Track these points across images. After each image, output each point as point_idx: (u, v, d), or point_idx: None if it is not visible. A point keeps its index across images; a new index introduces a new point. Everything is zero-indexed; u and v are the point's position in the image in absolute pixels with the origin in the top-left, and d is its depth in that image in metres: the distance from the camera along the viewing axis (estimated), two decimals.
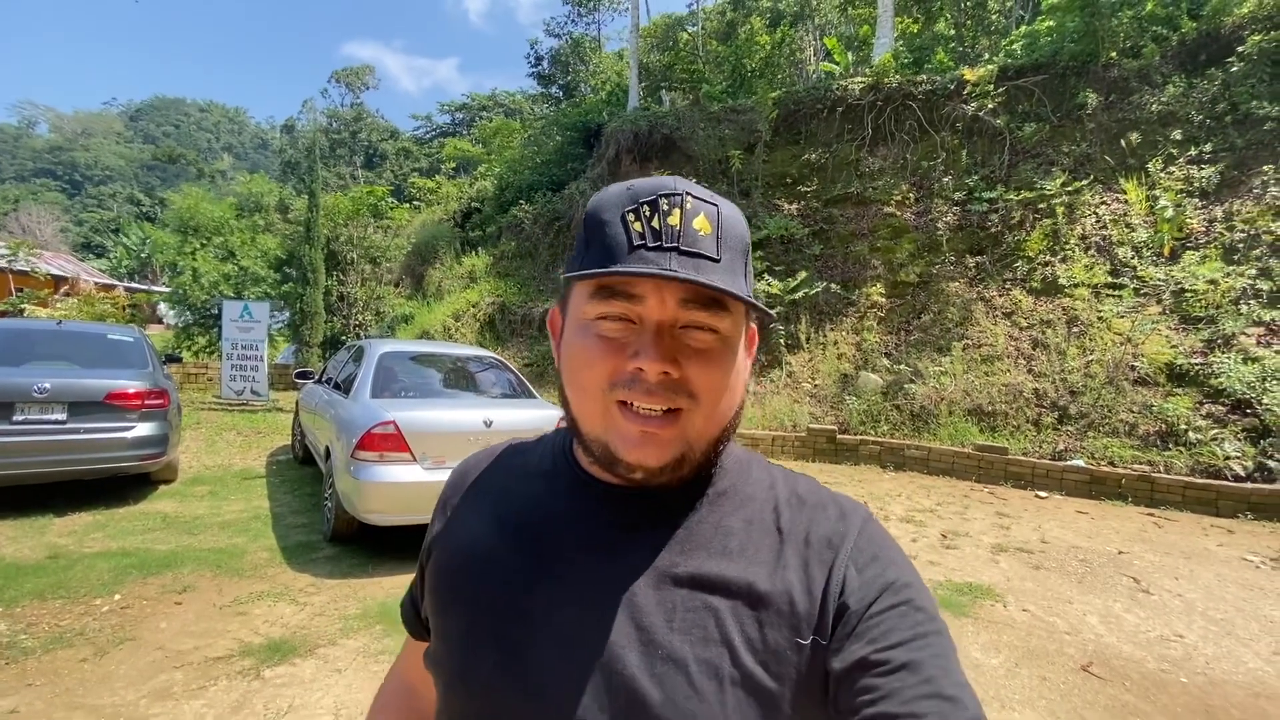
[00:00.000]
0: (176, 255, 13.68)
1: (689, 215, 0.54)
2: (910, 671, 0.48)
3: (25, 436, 4.50)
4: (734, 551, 0.57)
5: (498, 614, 0.58)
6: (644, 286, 0.53)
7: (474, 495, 0.68)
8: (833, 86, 12.37)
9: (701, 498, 0.60)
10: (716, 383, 0.55)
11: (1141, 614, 3.77)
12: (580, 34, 28.85)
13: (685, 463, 0.56)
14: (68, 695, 2.49)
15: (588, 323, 0.56)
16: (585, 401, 0.57)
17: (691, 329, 0.55)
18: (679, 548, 0.57)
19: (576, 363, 0.57)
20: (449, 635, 0.61)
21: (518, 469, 0.69)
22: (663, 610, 0.54)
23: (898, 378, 8.65)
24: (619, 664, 0.52)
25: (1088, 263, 8.68)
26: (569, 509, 0.61)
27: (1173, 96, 9.51)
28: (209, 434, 7.81)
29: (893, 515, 5.69)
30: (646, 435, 0.54)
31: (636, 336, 0.54)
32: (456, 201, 19.99)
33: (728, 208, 0.57)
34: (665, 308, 0.54)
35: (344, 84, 60.02)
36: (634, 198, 0.55)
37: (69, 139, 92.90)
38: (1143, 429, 6.88)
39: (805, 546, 0.57)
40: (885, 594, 0.53)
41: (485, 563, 0.61)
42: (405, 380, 4.81)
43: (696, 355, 0.54)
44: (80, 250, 40.28)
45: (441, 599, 0.63)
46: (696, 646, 0.52)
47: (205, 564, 3.92)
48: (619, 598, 0.55)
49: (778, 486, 0.63)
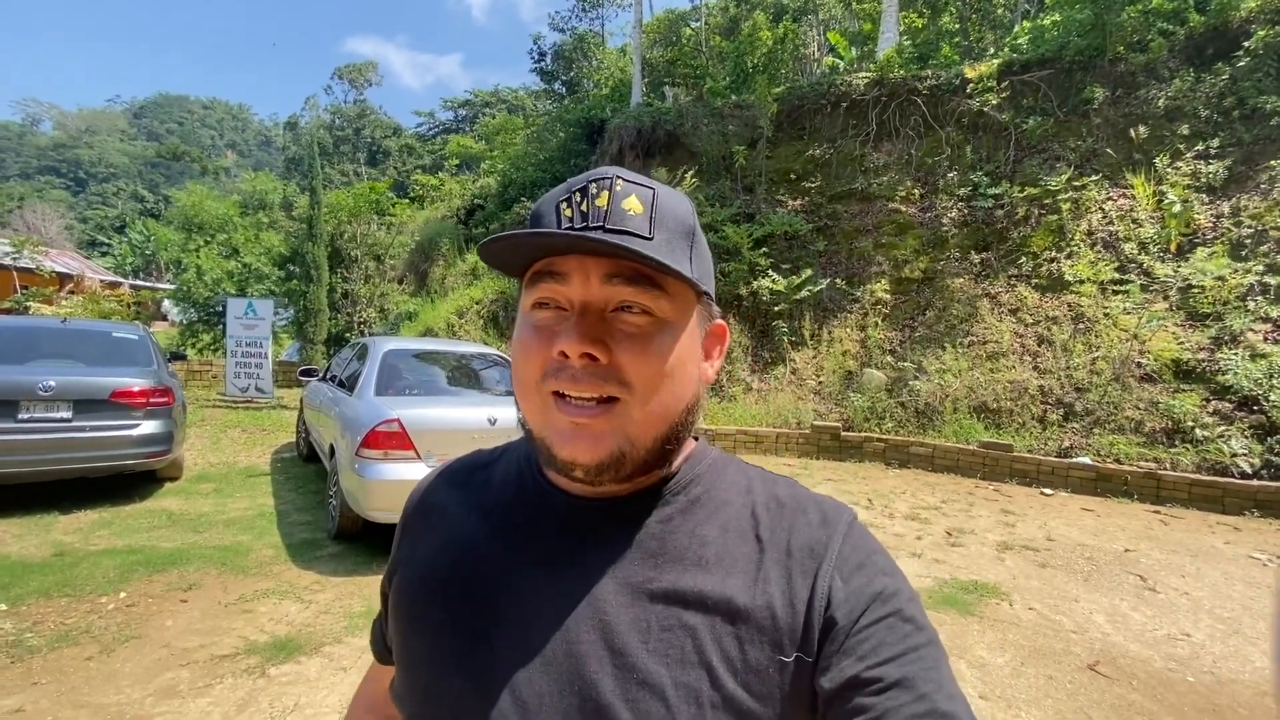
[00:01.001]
0: (181, 252, 13.72)
1: (618, 196, 0.52)
2: (903, 689, 0.47)
3: (30, 434, 4.50)
4: (710, 563, 0.54)
5: (463, 638, 0.55)
6: (567, 264, 0.53)
7: (435, 515, 0.65)
8: (836, 82, 12.31)
9: (673, 505, 0.58)
10: (651, 369, 0.52)
11: (1148, 612, 3.75)
12: (584, 29, 28.76)
13: (626, 460, 0.53)
14: (73, 693, 2.49)
15: (526, 314, 0.56)
16: (525, 396, 0.55)
17: (625, 312, 0.53)
18: (652, 561, 0.54)
19: (517, 357, 0.56)
20: (413, 663, 0.58)
21: (481, 482, 0.66)
22: (637, 630, 0.51)
23: (902, 374, 8.63)
24: (592, 690, 0.50)
25: (1094, 259, 8.63)
26: (535, 523, 0.59)
27: (1180, 91, 9.43)
28: (214, 431, 7.83)
29: (897, 513, 5.67)
30: (577, 427, 0.52)
31: (564, 322, 0.53)
32: (460, 198, 19.99)
33: (666, 191, 0.55)
34: (589, 285, 0.52)
35: (347, 80, 59.99)
36: (568, 188, 0.54)
37: (73, 136, 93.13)
38: (1149, 426, 6.85)
39: (787, 556, 0.54)
40: (874, 605, 0.51)
41: (448, 584, 0.58)
42: (409, 378, 4.81)
43: (628, 339, 0.52)
44: (85, 248, 40.39)
45: (404, 625, 0.61)
46: (674, 669, 0.50)
47: (210, 561, 3.92)
48: (590, 617, 0.52)
49: (755, 490, 0.60)
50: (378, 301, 14.36)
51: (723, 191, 12.11)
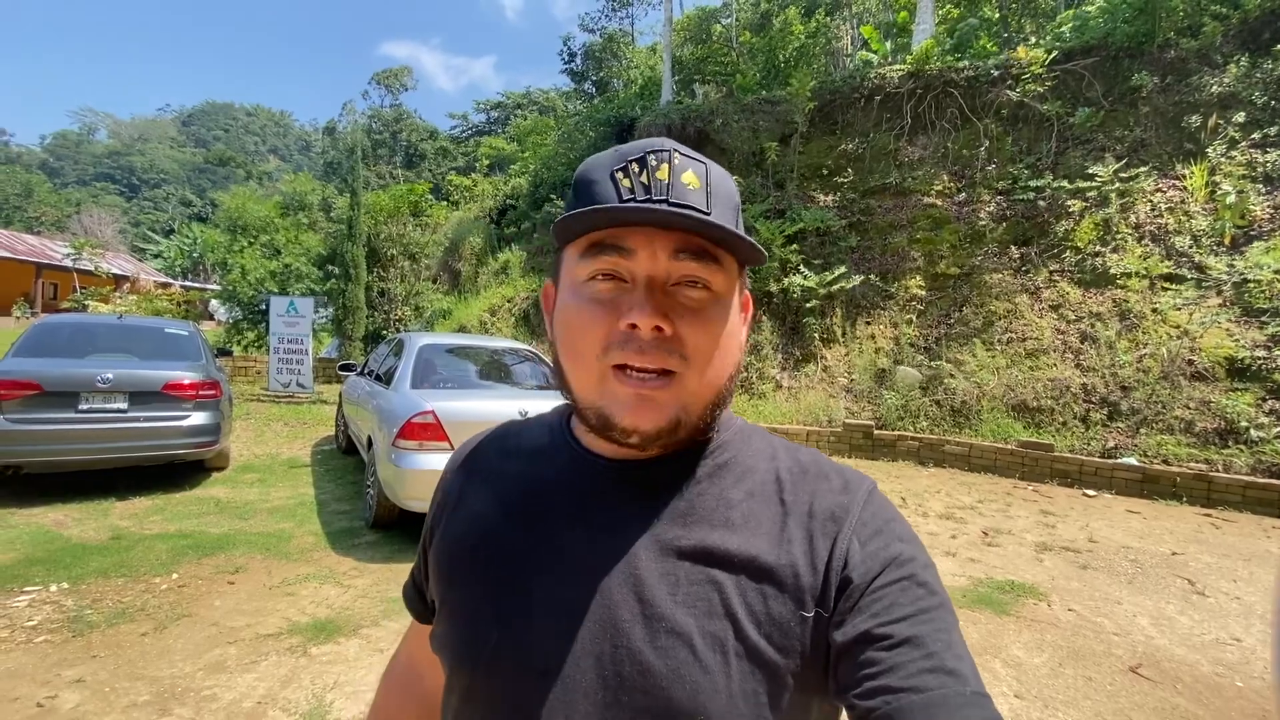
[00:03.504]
0: (226, 253, 14.21)
1: (677, 170, 0.53)
2: (913, 646, 0.48)
3: (90, 424, 4.75)
4: (736, 524, 0.56)
5: (500, 592, 0.58)
6: (635, 239, 0.53)
7: (473, 476, 0.68)
8: (870, 75, 12.10)
9: (702, 469, 0.60)
10: (709, 342, 0.55)
11: (1196, 616, 3.61)
12: (614, 29, 28.84)
13: (681, 427, 0.55)
14: (129, 667, 2.63)
15: (580, 285, 0.56)
16: (581, 368, 0.56)
17: (683, 286, 0.54)
18: (681, 520, 0.57)
19: (571, 328, 0.57)
20: (453, 615, 0.61)
21: (514, 449, 0.68)
22: (666, 583, 0.54)
23: (937, 372, 8.45)
24: (623, 637, 0.52)
25: (1142, 252, 8.32)
26: (569, 485, 0.61)
27: (1235, 78, 9.01)
28: (257, 424, 8.12)
29: (931, 512, 5.57)
30: (641, 398, 0.53)
31: (629, 295, 0.54)
32: (492, 199, 20.25)
33: (715, 167, 0.57)
34: (656, 261, 0.53)
35: (384, 86, 61.32)
36: (622, 157, 0.55)
37: (126, 144, 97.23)
38: (1200, 426, 6.58)
39: (809, 518, 0.56)
40: (889, 568, 0.53)
41: (486, 542, 0.61)
42: (444, 372, 4.92)
43: (689, 313, 0.54)
44: (137, 251, 42.18)
45: (445, 579, 0.63)
46: (701, 619, 0.52)
47: (255, 547, 4.09)
48: (622, 571, 0.55)
49: (779, 457, 0.62)
50: (413, 300, 14.67)
51: (753, 187, 12.01)
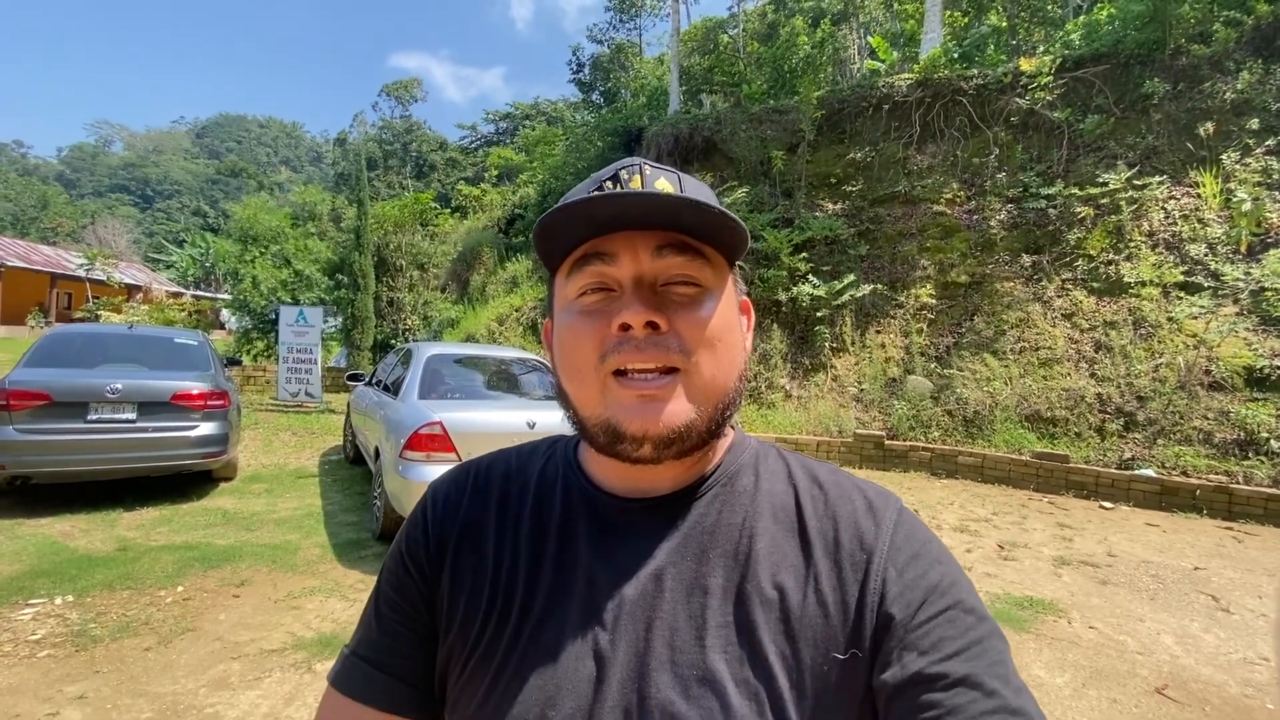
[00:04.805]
0: (237, 263, 14.32)
1: (649, 179, 0.55)
2: (970, 685, 0.46)
3: (99, 434, 4.75)
4: (761, 560, 0.54)
5: (520, 652, 0.53)
6: (614, 244, 0.53)
7: (473, 526, 0.61)
8: (878, 84, 12.08)
9: (719, 498, 0.57)
10: (708, 334, 0.53)
11: (1222, 634, 3.51)
12: (621, 39, 29.04)
13: (692, 429, 0.52)
14: (132, 683, 2.59)
15: (570, 303, 0.56)
16: (581, 383, 0.55)
17: (673, 286, 0.54)
18: (703, 555, 0.54)
19: (566, 345, 0.56)
20: (473, 682, 0.55)
21: (518, 493, 0.62)
22: (694, 626, 0.51)
23: (949, 382, 8.36)
24: (651, 687, 0.49)
25: (1156, 261, 8.21)
26: (582, 528, 0.58)
27: (1248, 84, 8.92)
28: (266, 434, 8.12)
29: (945, 524, 5.48)
30: (647, 399, 0.51)
31: (619, 300, 0.53)
32: (501, 209, 20.37)
33: (688, 176, 0.58)
34: (640, 260, 0.53)
35: (394, 97, 61.95)
36: (596, 180, 0.56)
37: (141, 156, 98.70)
38: (1219, 437, 6.46)
39: (836, 549, 0.53)
40: (931, 598, 0.50)
41: (505, 601, 0.56)
42: (451, 382, 4.89)
43: (682, 308, 0.53)
44: (150, 261, 42.69)
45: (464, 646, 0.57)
46: (734, 665, 0.49)
47: (261, 559, 4.05)
48: (647, 615, 0.52)
49: (796, 477, 0.60)
50: (421, 309, 14.70)
51: (761, 196, 12.00)
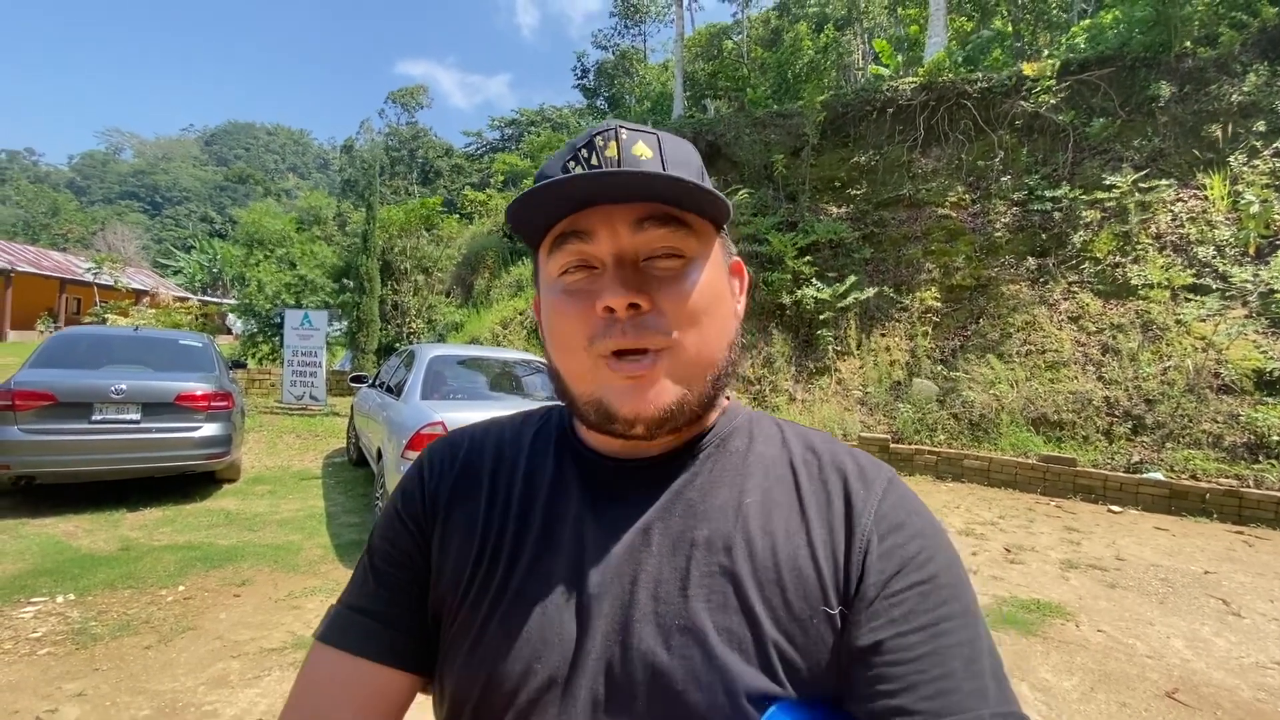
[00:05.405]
0: (243, 267, 14.40)
1: (626, 144, 0.52)
2: (931, 660, 0.45)
3: (103, 435, 4.77)
4: (752, 513, 0.53)
5: (508, 603, 0.54)
6: (591, 220, 0.52)
7: (467, 483, 0.62)
8: (882, 88, 12.08)
9: (712, 460, 0.57)
10: (695, 309, 0.52)
11: (1233, 638, 3.46)
12: (626, 46, 29.19)
13: (685, 406, 0.52)
14: (132, 680, 2.58)
15: (554, 281, 0.55)
16: (571, 361, 0.54)
17: (656, 260, 0.52)
18: (693, 512, 0.54)
19: (554, 326, 0.55)
20: (461, 632, 0.55)
21: (511, 453, 0.63)
22: (678, 577, 0.51)
23: (954, 385, 8.31)
24: (634, 638, 0.49)
25: (1164, 263, 8.15)
26: (575, 488, 0.58)
27: (1255, 86, 8.87)
28: (270, 436, 8.14)
29: (951, 528, 5.43)
30: (636, 381, 0.51)
31: (600, 279, 0.52)
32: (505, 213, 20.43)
33: (670, 135, 0.55)
34: (618, 236, 0.51)
35: (400, 104, 62.41)
36: (572, 147, 0.54)
37: (151, 163, 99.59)
38: (1229, 440, 6.39)
39: (827, 508, 0.53)
40: (907, 568, 0.49)
41: (494, 552, 0.57)
42: (454, 383, 4.89)
43: (666, 284, 0.52)
44: (158, 266, 43.04)
45: (452, 595, 0.57)
46: (716, 614, 0.49)
47: (263, 559, 4.05)
48: (633, 569, 0.52)
49: (790, 443, 0.59)
50: (426, 313, 14.75)
51: (765, 200, 12.00)
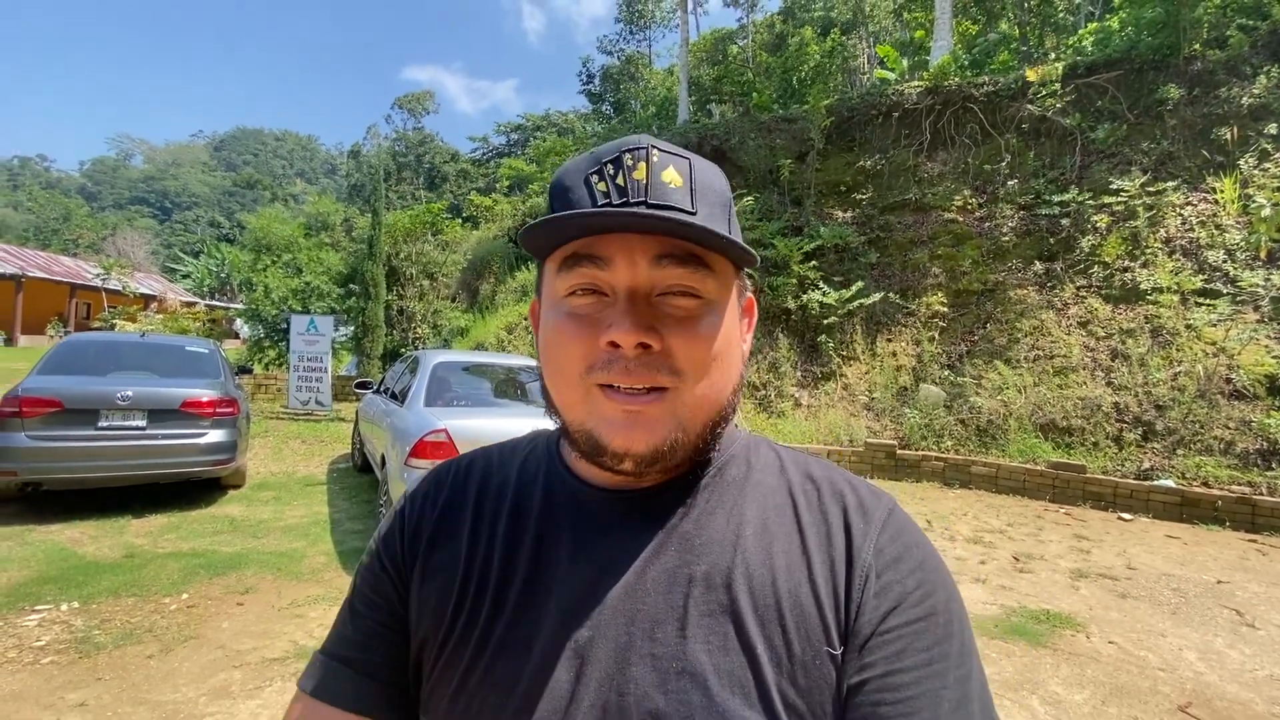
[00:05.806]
0: (250, 272, 14.47)
1: (655, 168, 0.49)
2: (920, 703, 0.44)
3: (109, 441, 4.78)
4: (750, 545, 0.51)
5: (492, 651, 0.51)
6: (610, 248, 0.49)
7: (449, 524, 0.59)
8: (888, 92, 12.05)
9: (708, 489, 0.55)
10: (704, 354, 0.49)
11: (1247, 650, 3.40)
12: (631, 51, 29.27)
13: (678, 448, 0.50)
14: (133, 690, 2.57)
15: (559, 301, 0.52)
16: (564, 388, 0.52)
17: (671, 296, 0.50)
18: (689, 546, 0.51)
19: (552, 347, 0.52)
20: (446, 673, 0.53)
21: (500, 485, 0.60)
22: (675, 617, 0.48)
23: (961, 390, 8.24)
24: (630, 683, 0.47)
25: (1173, 267, 8.08)
26: (565, 520, 0.55)
27: (1265, 89, 8.80)
28: (275, 442, 8.15)
29: (959, 536, 5.37)
30: (631, 415, 0.48)
31: (610, 309, 0.49)
32: (511, 218, 20.44)
33: (701, 162, 0.52)
34: (636, 270, 0.49)
35: (406, 110, 62.77)
36: (596, 159, 0.50)
37: (160, 169, 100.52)
38: (1241, 447, 6.31)
39: (827, 542, 0.51)
40: (903, 605, 0.48)
41: (475, 597, 0.54)
42: (458, 390, 4.88)
43: (678, 324, 0.49)
44: (167, 271, 43.40)
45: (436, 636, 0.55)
46: (716, 656, 0.46)
47: (267, 567, 4.04)
48: (627, 609, 0.49)
49: (789, 470, 0.57)
50: (431, 318, 14.77)
51: (770, 204, 11.97)
